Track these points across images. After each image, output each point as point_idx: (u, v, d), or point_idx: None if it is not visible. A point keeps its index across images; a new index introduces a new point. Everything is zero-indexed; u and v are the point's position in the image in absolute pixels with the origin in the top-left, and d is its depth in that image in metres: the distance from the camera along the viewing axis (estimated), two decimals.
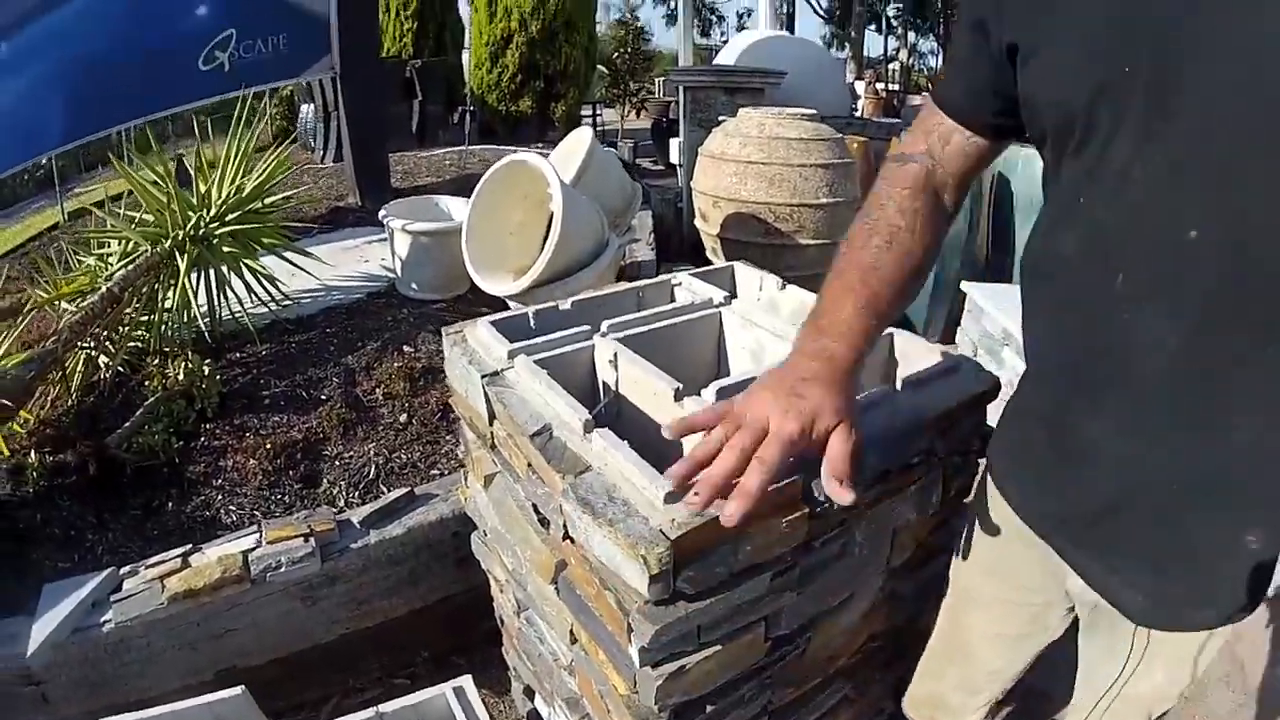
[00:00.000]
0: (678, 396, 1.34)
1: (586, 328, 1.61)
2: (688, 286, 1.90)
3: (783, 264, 4.51)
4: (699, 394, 1.32)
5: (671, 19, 31.78)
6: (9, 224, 9.85)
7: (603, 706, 1.34)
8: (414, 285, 3.88)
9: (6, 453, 2.70)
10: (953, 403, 1.38)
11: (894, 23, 38.95)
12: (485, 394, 1.48)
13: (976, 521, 1.33)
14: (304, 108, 10.52)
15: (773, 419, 1.02)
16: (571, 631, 1.37)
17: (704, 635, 1.13)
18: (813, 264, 4.65)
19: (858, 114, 17.32)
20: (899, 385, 1.40)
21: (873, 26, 37.80)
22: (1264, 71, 0.79)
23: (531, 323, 1.70)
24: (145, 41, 5.24)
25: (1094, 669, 1.24)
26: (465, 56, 13.00)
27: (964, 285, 3.84)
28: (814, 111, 4.90)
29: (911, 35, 40.24)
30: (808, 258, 4.57)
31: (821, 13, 37.97)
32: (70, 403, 3.01)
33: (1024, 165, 4.87)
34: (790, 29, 34.65)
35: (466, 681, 1.75)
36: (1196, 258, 0.88)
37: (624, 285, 1.92)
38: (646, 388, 1.43)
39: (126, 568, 2.22)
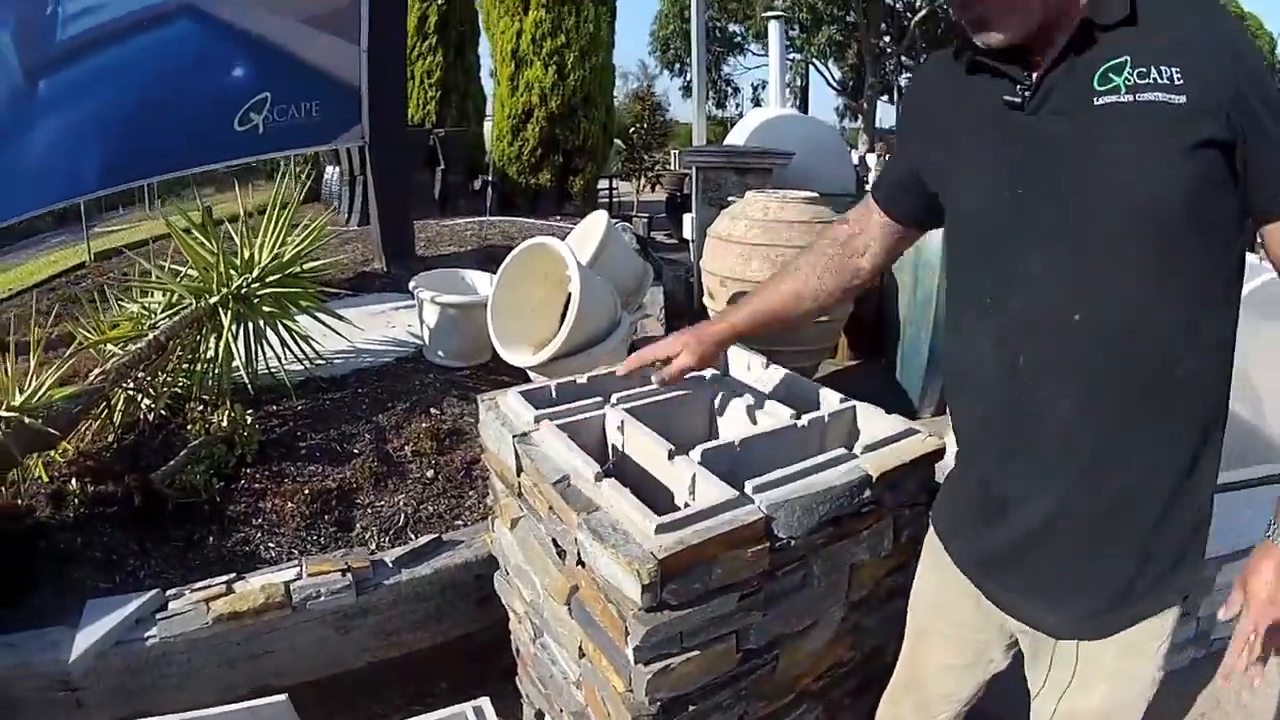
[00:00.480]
0: (670, 456, 1.66)
1: (599, 399, 1.95)
2: None
3: (783, 340, 4.81)
4: (688, 454, 1.64)
5: (688, 90, 32.33)
6: (31, 256, 10.12)
7: (604, 710, 1.63)
8: (440, 352, 4.16)
9: (46, 479, 2.96)
10: (899, 463, 1.69)
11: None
12: (515, 450, 1.79)
13: (927, 571, 1.62)
14: (329, 169, 10.82)
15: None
16: (580, 647, 1.66)
17: (685, 641, 1.44)
18: (810, 340, 4.95)
19: (869, 186, 17.81)
20: (855, 448, 1.71)
21: (885, 97, 38.35)
22: (1103, 186, 1.16)
23: (553, 393, 2.02)
24: (183, 98, 5.45)
25: (1038, 691, 1.48)
26: (487, 126, 13.23)
27: None
28: (815, 195, 5.21)
29: None
30: (806, 334, 4.87)
31: (835, 85, 38.63)
32: (111, 438, 3.26)
33: None
34: (804, 100, 35.22)
35: (485, 702, 1.99)
36: (1078, 336, 1.20)
37: None
38: (647, 449, 1.75)
39: (172, 590, 2.47)
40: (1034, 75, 1.25)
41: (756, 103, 37.88)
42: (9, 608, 2.49)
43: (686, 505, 1.56)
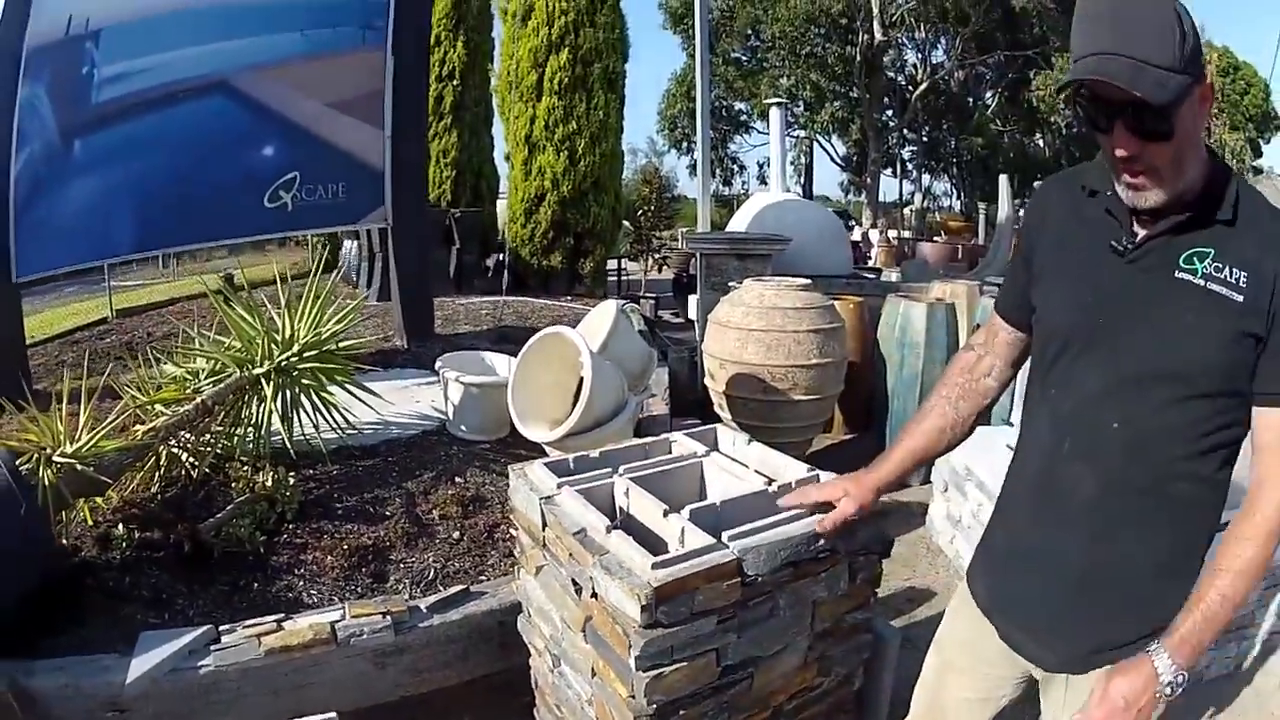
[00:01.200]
0: (665, 514, 2.09)
1: (609, 469, 2.39)
2: (681, 442, 2.67)
3: (777, 416, 5.24)
4: (680, 513, 2.06)
5: (694, 169, 33.09)
6: (48, 305, 10.40)
7: (610, 718, 2.03)
8: (463, 427, 4.54)
9: (91, 522, 3.28)
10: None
11: (909, 166, 39.91)
12: (541, 510, 2.23)
13: (954, 611, 1.99)
14: (347, 244, 11.23)
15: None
16: (592, 667, 2.07)
17: (675, 654, 1.85)
18: (803, 416, 5.35)
19: (872, 261, 18.22)
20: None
21: (888, 170, 38.86)
22: (1161, 339, 1.52)
23: (571, 465, 2.46)
24: (216, 171, 5.74)
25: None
26: (500, 205, 13.55)
27: None
28: (808, 281, 5.65)
29: (926, 178, 41.31)
30: (800, 411, 5.28)
31: (839, 160, 39.26)
32: (155, 490, 3.60)
33: None
34: (809, 177, 35.73)
35: None
36: (1112, 441, 1.58)
37: (636, 441, 2.73)
38: (647, 508, 2.18)
39: (225, 626, 2.78)
40: (1140, 233, 1.57)
41: (762, 180, 38.36)
42: (56, 635, 2.79)
43: (677, 549, 1.98)
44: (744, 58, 34.24)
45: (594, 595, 1.97)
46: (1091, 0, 1.51)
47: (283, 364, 3.97)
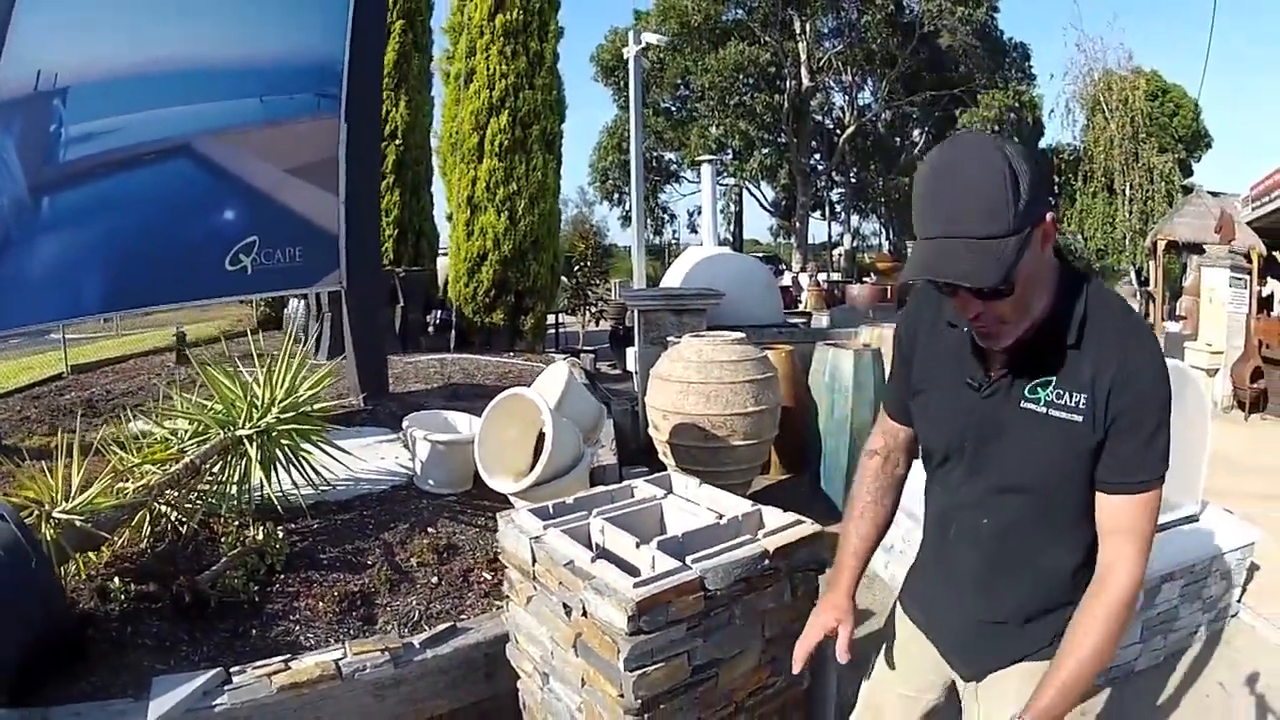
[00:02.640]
0: (637, 545, 2.54)
1: (585, 512, 2.83)
2: (641, 487, 3.14)
3: (718, 461, 5.65)
4: (649, 544, 2.50)
5: (628, 219, 33.39)
6: None
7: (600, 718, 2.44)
8: (430, 481, 4.86)
9: (85, 575, 3.52)
10: (787, 541, 2.59)
11: (837, 208, 40.92)
12: (530, 548, 2.65)
13: (899, 620, 2.31)
14: (293, 303, 11.30)
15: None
16: (582, 678, 2.48)
17: (655, 656, 2.28)
18: (743, 460, 5.77)
19: (802, 305, 18.72)
20: (759, 534, 2.59)
21: (817, 213, 39.56)
22: (1016, 460, 1.81)
23: (551, 510, 2.89)
24: (180, 234, 5.87)
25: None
26: (440, 262, 13.79)
27: None
28: (741, 335, 6.05)
29: (855, 219, 42.14)
30: (739, 455, 5.70)
31: (768, 207, 39.88)
32: (144, 545, 3.84)
33: None
34: (739, 223, 36.27)
35: None
36: (984, 531, 1.90)
37: (601, 488, 3.17)
38: (620, 542, 2.63)
39: (234, 668, 3.06)
40: (991, 374, 1.81)
41: (692, 229, 38.96)
42: (67, 684, 3.04)
43: (650, 572, 2.40)
44: (674, 108, 34.76)
45: (584, 614, 2.38)
46: (924, 178, 1.62)
47: (263, 425, 4.25)
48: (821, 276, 26.51)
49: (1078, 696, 1.71)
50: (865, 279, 25.09)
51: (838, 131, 35.01)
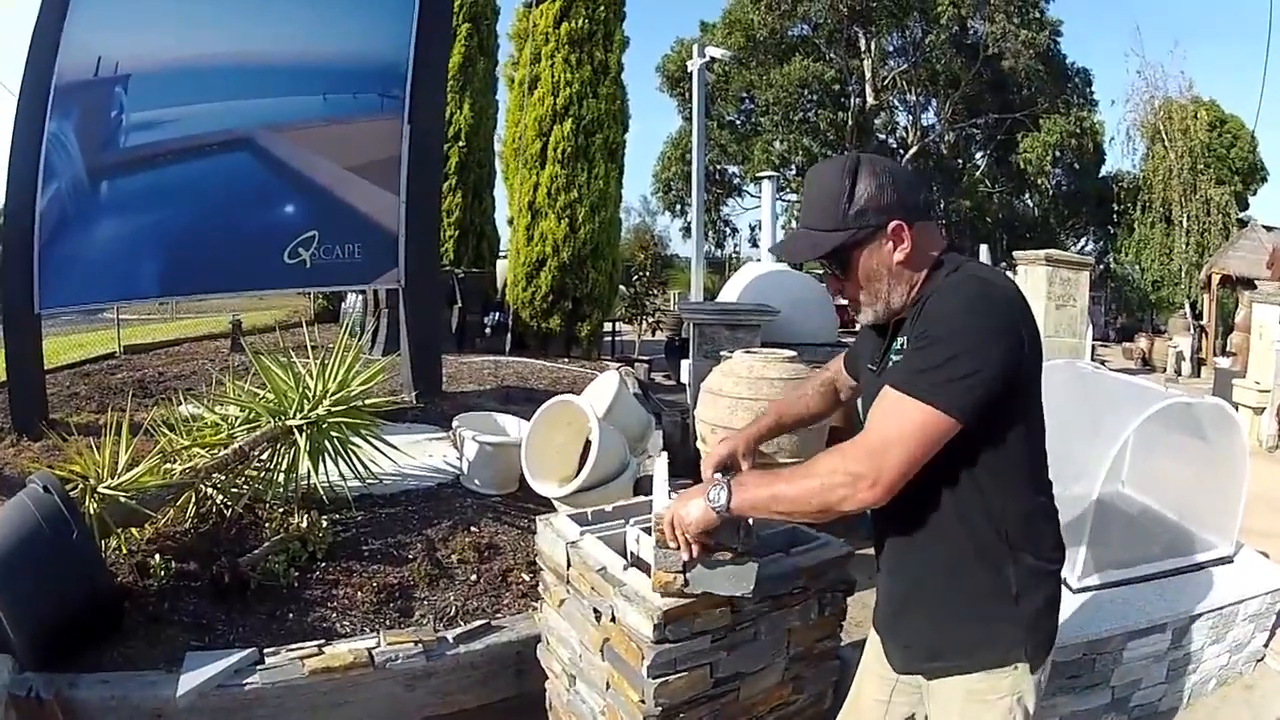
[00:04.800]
0: None
1: (622, 520, 2.87)
2: None
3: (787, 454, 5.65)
4: None
5: (688, 232, 33.48)
6: (48, 333, 10.42)
7: None
8: (477, 481, 4.91)
9: (125, 551, 3.63)
10: (818, 561, 2.60)
11: None
12: (566, 552, 2.71)
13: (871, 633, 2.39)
14: (351, 298, 11.48)
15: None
16: (607, 681, 2.52)
17: (678, 665, 2.33)
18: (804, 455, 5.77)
19: (857, 325, 18.57)
20: (788, 551, 2.62)
21: None
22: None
23: (589, 516, 2.95)
24: (239, 225, 6.03)
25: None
26: (500, 265, 13.84)
27: None
28: (793, 354, 6.00)
29: None
30: (806, 451, 5.70)
31: None
32: (187, 526, 3.94)
33: None
34: None
35: None
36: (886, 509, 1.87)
37: (642, 498, 3.21)
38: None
39: (268, 649, 3.13)
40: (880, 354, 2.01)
41: (753, 243, 38.96)
42: (100, 652, 3.14)
43: None
44: (738, 121, 34.71)
45: (613, 619, 2.43)
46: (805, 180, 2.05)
47: (314, 417, 4.32)
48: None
49: (753, 504, 1.92)
50: None
51: (901, 151, 34.60)
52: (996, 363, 1.74)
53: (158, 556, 3.65)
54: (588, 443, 4.20)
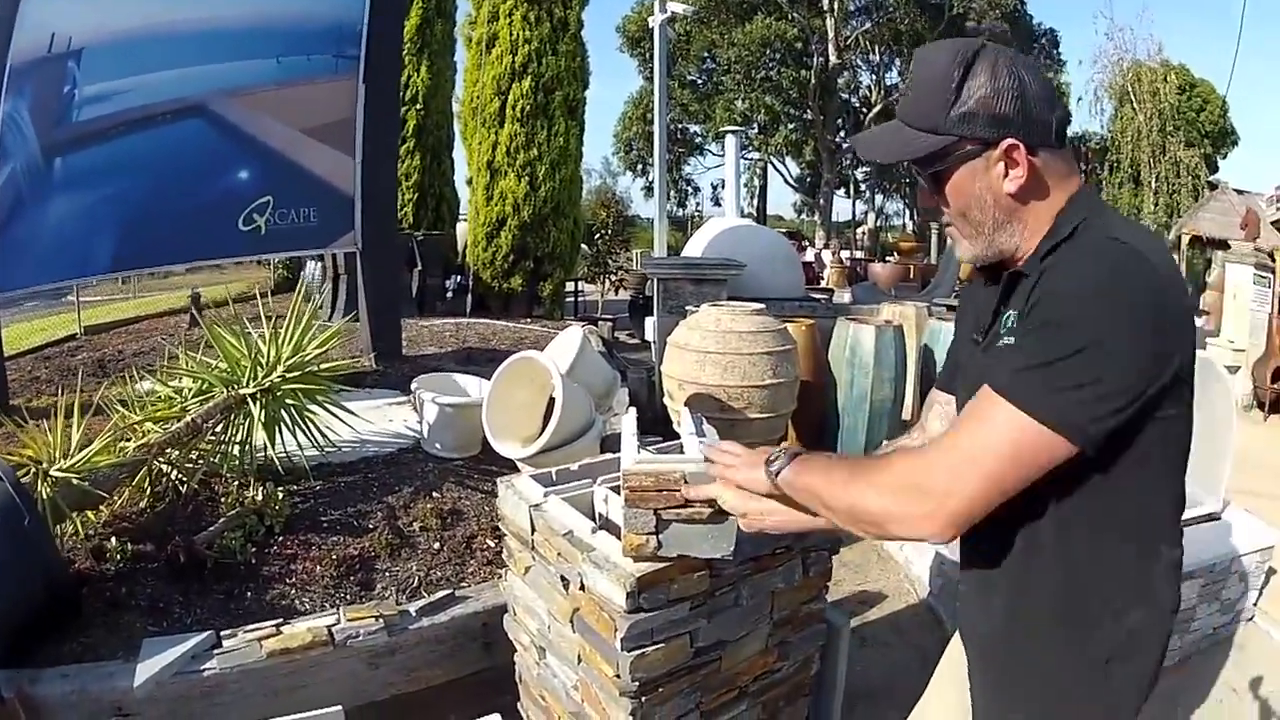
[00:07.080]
0: None
1: (589, 480, 2.67)
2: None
3: (734, 434, 5.47)
4: None
5: (649, 191, 33.35)
6: (10, 320, 10.29)
7: (596, 699, 2.30)
8: (438, 444, 4.76)
9: (82, 535, 3.47)
10: None
11: (863, 187, 40.93)
12: (530, 516, 2.50)
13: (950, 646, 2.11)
14: (310, 265, 11.35)
15: None
16: (578, 654, 2.34)
17: (654, 635, 2.13)
18: (759, 434, 5.63)
19: (824, 282, 18.61)
20: None
21: (841, 191, 39.42)
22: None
23: (554, 476, 2.74)
24: (193, 194, 5.87)
25: None
26: (460, 228, 13.78)
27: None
28: (761, 305, 5.88)
29: (879, 198, 42.11)
30: (755, 429, 5.55)
31: (792, 182, 39.93)
32: (144, 505, 3.79)
33: (944, 335, 6.01)
34: (763, 199, 36.16)
35: (496, 717, 2.62)
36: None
37: (609, 455, 2.99)
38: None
39: (225, 631, 3.00)
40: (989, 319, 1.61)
41: (715, 201, 38.98)
42: (59, 644, 2.99)
43: None
44: (699, 81, 34.68)
45: (582, 588, 2.24)
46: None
47: (268, 384, 4.16)
48: (844, 253, 26.25)
49: (805, 495, 1.58)
50: (888, 259, 24.81)
51: (864, 110, 34.79)
52: (1139, 368, 1.34)
53: (114, 539, 3.50)
54: (551, 400, 4.02)
